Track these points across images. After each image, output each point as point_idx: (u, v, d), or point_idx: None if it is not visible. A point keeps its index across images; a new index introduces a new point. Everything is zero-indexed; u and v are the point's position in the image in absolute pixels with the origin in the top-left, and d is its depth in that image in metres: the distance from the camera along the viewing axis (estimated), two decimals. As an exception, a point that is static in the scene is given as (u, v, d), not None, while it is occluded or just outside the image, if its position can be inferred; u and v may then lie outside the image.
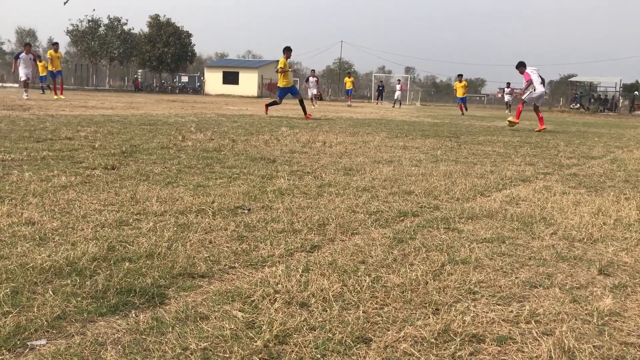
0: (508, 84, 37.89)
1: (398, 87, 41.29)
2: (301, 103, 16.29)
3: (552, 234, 3.44)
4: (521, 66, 15.31)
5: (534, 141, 10.82)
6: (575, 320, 2.15)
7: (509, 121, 15.70)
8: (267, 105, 16.78)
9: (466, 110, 28.73)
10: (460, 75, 29.30)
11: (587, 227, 3.58)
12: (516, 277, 2.60)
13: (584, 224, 3.69)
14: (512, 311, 2.20)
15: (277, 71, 16.26)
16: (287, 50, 16.12)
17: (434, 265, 2.70)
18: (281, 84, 16.31)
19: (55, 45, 22.32)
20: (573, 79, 58.67)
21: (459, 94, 28.63)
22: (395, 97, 39.85)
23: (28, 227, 3.03)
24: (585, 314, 2.22)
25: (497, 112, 38.72)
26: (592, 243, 3.28)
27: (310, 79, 30.74)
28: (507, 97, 36.94)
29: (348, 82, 37.80)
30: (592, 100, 48.19)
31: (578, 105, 47.66)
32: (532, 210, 4.08)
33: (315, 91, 30.21)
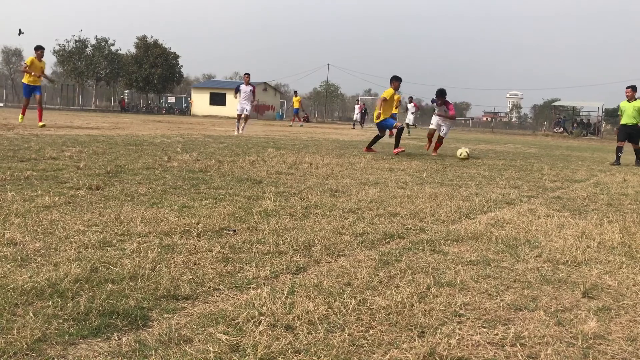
0: (411, 99, 31.18)
1: (357, 107, 36.51)
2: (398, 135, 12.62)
3: (536, 256, 3.46)
4: (443, 96, 13.11)
5: (518, 164, 10.93)
6: (560, 343, 2.16)
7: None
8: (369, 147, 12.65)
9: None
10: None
11: (571, 250, 3.61)
12: (501, 300, 2.61)
13: (568, 247, 3.71)
14: (497, 334, 2.20)
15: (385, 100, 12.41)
16: (396, 80, 12.50)
17: (420, 287, 2.70)
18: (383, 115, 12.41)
19: (39, 51, 15.28)
20: (556, 103, 59.52)
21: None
22: (354, 119, 34.51)
23: (10, 247, 2.98)
24: (570, 336, 2.23)
25: (483, 135, 39.09)
26: (576, 266, 3.30)
27: (242, 87, 18.22)
28: (410, 117, 30.08)
29: (295, 102, 35.16)
30: (575, 125, 48.86)
31: (561, 129, 48.29)
32: (517, 233, 4.10)
33: (248, 107, 18.17)
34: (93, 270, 2.66)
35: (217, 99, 63.74)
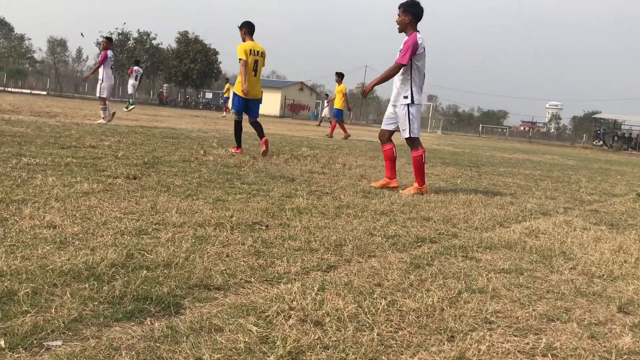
0: (327, 95, 31.98)
1: (326, 102, 29.65)
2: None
3: (571, 268, 3.39)
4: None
5: (555, 175, 10.73)
6: (593, 356, 2.12)
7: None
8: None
9: (346, 135, 18.27)
10: (340, 75, 18.90)
11: (608, 264, 3.53)
12: (533, 310, 2.57)
13: (604, 260, 3.63)
14: (528, 343, 2.17)
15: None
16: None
17: (451, 292, 2.68)
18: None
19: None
20: (597, 115, 58.26)
21: (338, 104, 18.93)
22: (322, 114, 30.10)
23: (49, 230, 3.07)
24: (604, 350, 2.18)
25: (520, 145, 38.48)
26: (612, 280, 3.23)
27: (135, 69, 19.26)
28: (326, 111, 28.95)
29: (226, 90, 32.62)
30: (615, 138, 47.73)
31: (601, 142, 47.23)
32: (552, 243, 4.03)
33: (131, 89, 18.27)
34: (129, 257, 2.72)
35: (254, 97, 64.09)
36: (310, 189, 5.53)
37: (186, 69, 64.60)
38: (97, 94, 13.68)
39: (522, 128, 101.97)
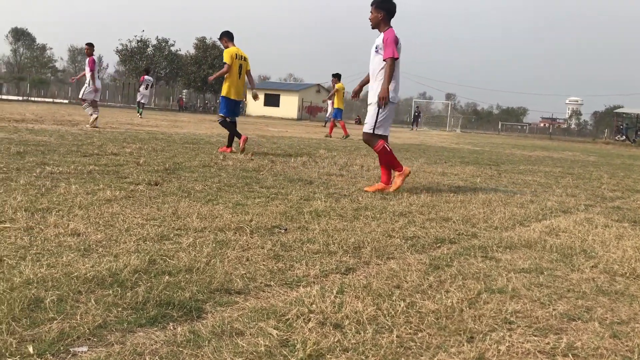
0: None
1: (330, 102, 25.19)
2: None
3: (592, 267, 3.37)
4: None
5: (576, 172, 10.62)
6: (615, 356, 2.10)
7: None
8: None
9: (329, 134, 18.88)
10: (336, 76, 19.17)
11: (630, 262, 3.49)
12: (554, 309, 2.56)
13: (626, 258, 3.60)
14: (548, 343, 2.16)
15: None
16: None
17: (470, 293, 2.68)
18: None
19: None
20: (619, 110, 57.39)
21: (337, 103, 18.99)
22: (327, 115, 27.45)
23: (73, 237, 3.13)
24: (626, 350, 2.17)
25: (540, 141, 38.08)
26: (634, 278, 3.20)
27: (146, 78, 24.50)
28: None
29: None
30: (638, 133, 46.91)
31: (624, 137, 46.48)
32: (573, 242, 4.00)
33: (139, 97, 24.22)
34: (151, 262, 2.77)
35: (272, 100, 64.46)
36: (328, 192, 5.55)
37: (205, 75, 65.04)
38: (80, 96, 14.16)
39: (542, 125, 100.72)
